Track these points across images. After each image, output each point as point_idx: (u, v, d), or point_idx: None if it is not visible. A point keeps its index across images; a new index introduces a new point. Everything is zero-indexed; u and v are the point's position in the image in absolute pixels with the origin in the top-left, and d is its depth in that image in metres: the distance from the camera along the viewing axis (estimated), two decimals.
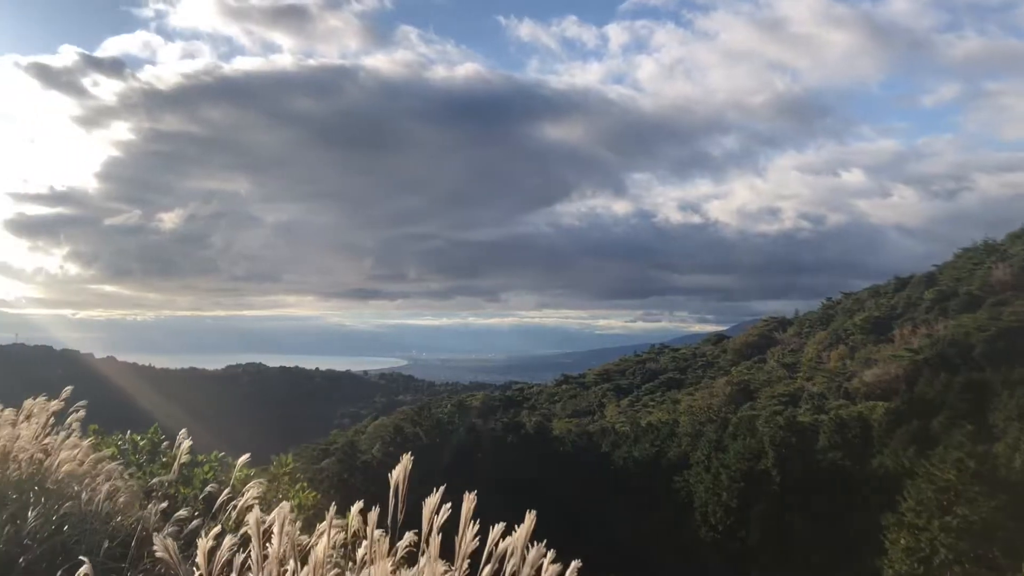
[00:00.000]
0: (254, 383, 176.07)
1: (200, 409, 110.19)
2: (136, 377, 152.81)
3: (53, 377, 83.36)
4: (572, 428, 58.15)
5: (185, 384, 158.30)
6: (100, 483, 5.72)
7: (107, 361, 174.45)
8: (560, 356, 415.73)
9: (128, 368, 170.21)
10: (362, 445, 49.00)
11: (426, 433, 43.33)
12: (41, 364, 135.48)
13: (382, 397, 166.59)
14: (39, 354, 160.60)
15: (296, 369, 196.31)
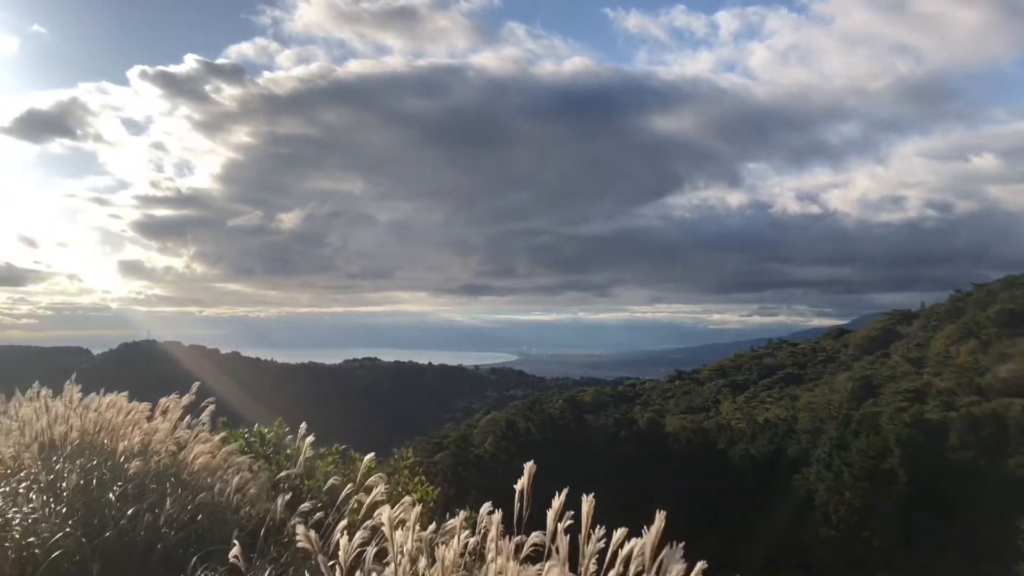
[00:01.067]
0: (369, 377, 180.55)
1: (318, 402, 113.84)
2: (259, 371, 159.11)
3: (181, 372, 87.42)
4: (686, 425, 57.18)
5: (304, 378, 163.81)
6: (231, 475, 5.89)
7: (232, 356, 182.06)
8: (672, 351, 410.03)
9: (251, 363, 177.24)
10: (474, 439, 49.52)
11: (537, 428, 43.40)
12: (171, 359, 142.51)
13: (493, 392, 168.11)
14: (169, 350, 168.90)
15: (409, 364, 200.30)
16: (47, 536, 4.91)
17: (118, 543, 4.90)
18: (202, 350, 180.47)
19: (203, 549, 4.71)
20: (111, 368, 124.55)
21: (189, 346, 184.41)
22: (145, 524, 4.97)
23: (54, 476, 5.56)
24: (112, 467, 5.88)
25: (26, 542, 4.92)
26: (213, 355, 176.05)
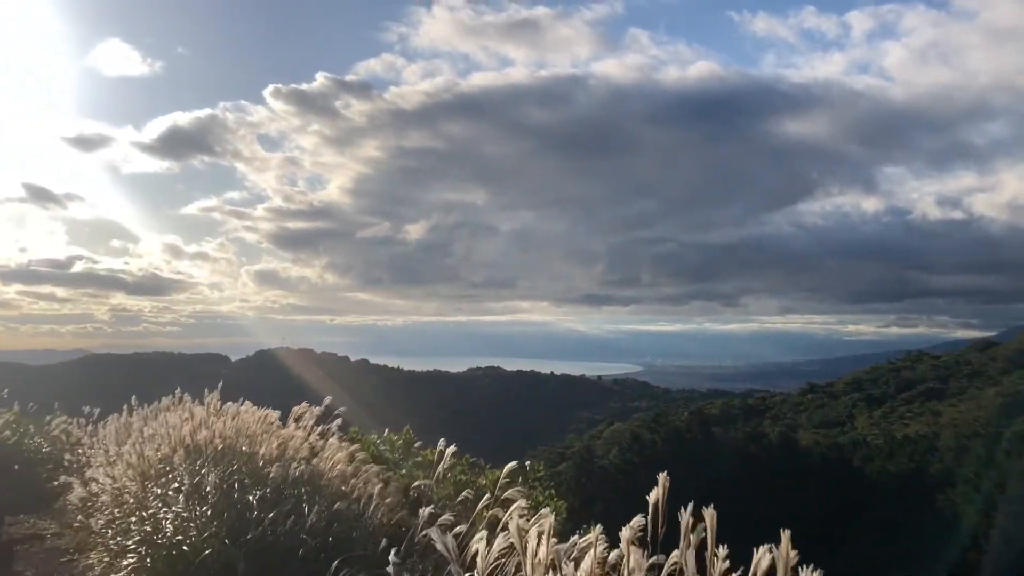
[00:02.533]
0: (492, 385, 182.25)
1: (443, 410, 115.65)
2: (386, 379, 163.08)
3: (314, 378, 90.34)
4: (819, 440, 55.06)
5: (430, 386, 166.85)
6: (365, 482, 5.98)
7: (361, 364, 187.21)
8: (804, 363, 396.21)
9: (379, 370, 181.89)
10: (598, 450, 49.15)
11: (663, 441, 42.70)
12: (303, 366, 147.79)
13: (616, 403, 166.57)
14: (302, 356, 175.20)
15: (532, 373, 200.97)
16: (195, 536, 5.11)
17: (260, 545, 5.05)
18: (333, 357, 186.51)
19: (341, 555, 4.79)
20: (248, 374, 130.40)
21: (321, 353, 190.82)
22: (286, 529, 5.10)
23: (199, 479, 5.78)
24: (252, 472, 6.08)
25: (176, 540, 5.14)
26: (343, 362, 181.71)
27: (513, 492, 4.83)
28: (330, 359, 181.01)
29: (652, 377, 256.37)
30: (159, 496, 5.89)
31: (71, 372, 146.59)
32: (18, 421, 16.23)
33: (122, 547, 6.08)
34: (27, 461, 14.17)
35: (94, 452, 10.53)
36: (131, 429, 8.76)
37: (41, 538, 9.67)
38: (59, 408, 17.45)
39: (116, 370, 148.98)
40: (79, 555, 7.95)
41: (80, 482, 8.89)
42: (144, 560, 5.36)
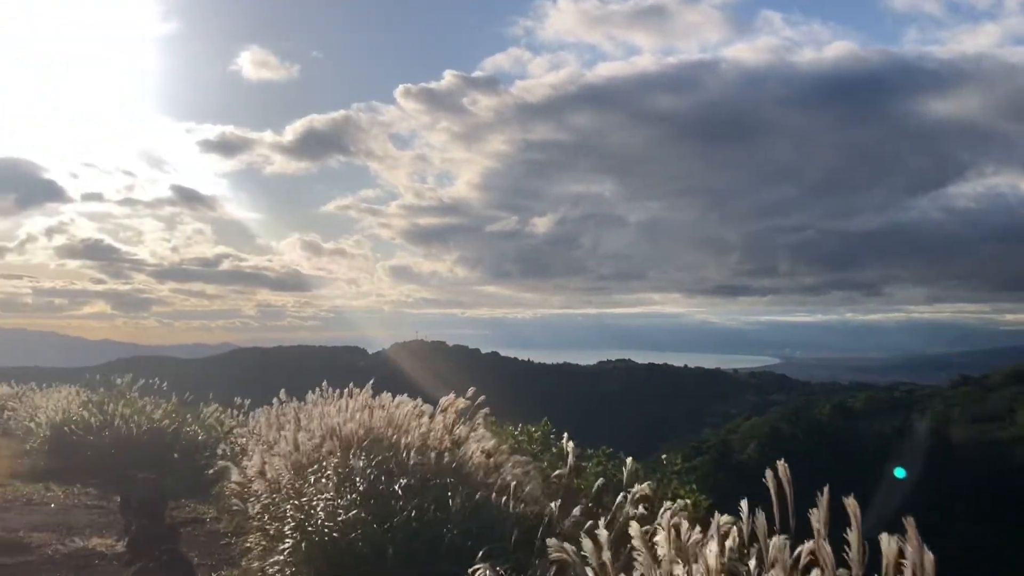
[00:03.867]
0: (624, 379, 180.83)
1: (574, 403, 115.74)
2: (517, 371, 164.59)
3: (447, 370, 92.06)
4: (974, 435, 52.09)
5: (560, 379, 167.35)
6: (506, 473, 6.05)
7: (491, 356, 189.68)
8: (956, 355, 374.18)
9: (510, 363, 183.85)
10: (735, 445, 48.12)
11: (804, 435, 41.38)
12: (437, 358, 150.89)
13: (753, 396, 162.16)
14: (435, 349, 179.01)
15: (664, 366, 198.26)
16: (345, 521, 5.31)
17: (407, 532, 5.20)
18: (465, 350, 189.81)
19: (485, 543, 4.88)
20: (384, 367, 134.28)
21: (453, 346, 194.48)
22: (429, 517, 5.23)
23: (348, 468, 6.00)
24: (397, 461, 6.26)
25: (328, 526, 5.35)
26: (475, 355, 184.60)
27: (646, 485, 4.80)
28: (462, 352, 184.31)
29: (791, 370, 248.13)
30: (311, 484, 6.15)
31: (220, 365, 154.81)
32: (176, 411, 17.30)
33: (278, 532, 6.38)
34: (185, 449, 15.10)
35: (247, 441, 11.08)
36: (282, 419, 9.17)
37: (201, 522, 10.28)
38: (212, 399, 18.48)
39: (261, 363, 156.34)
40: (237, 538, 8.40)
41: (236, 469, 9.37)
42: (299, 545, 5.61)
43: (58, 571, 7.51)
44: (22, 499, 12.30)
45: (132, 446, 15.08)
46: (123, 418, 15.95)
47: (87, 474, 14.31)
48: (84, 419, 16.49)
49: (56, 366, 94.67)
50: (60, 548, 8.47)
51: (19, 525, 9.87)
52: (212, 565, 7.68)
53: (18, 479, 14.78)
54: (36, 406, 21.34)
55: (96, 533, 9.31)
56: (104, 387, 20.63)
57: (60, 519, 10.44)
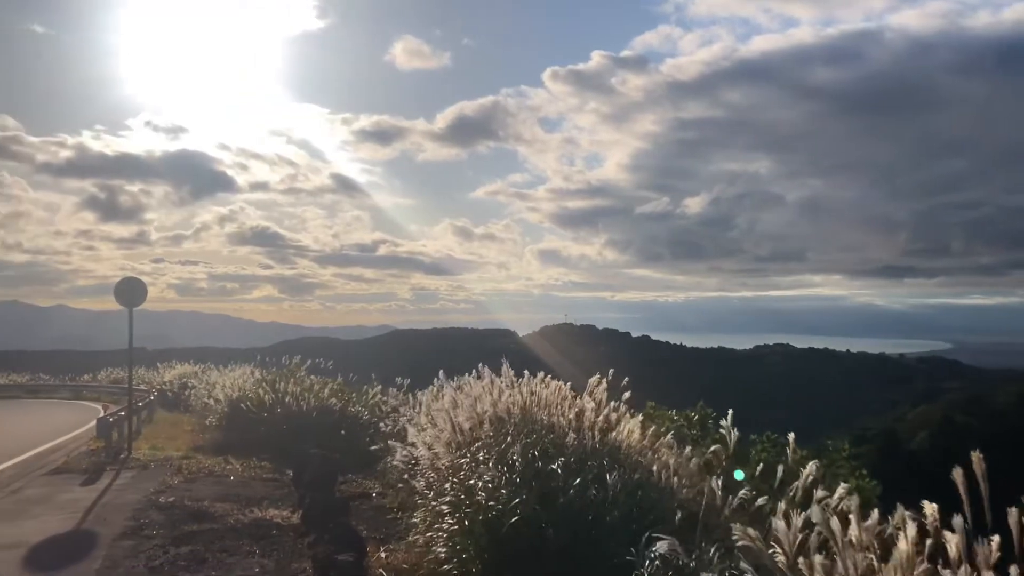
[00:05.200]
0: (782, 364, 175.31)
1: (729, 388, 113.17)
2: (668, 355, 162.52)
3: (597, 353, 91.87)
4: None
5: (714, 363, 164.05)
6: (664, 456, 5.99)
7: (642, 340, 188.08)
8: None
9: (661, 346, 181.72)
10: (902, 433, 45.74)
11: (981, 424, 38.85)
12: (587, 341, 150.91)
13: (922, 383, 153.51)
14: (585, 332, 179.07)
15: (824, 351, 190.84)
16: (506, 501, 5.40)
17: (568, 512, 5.24)
18: (615, 334, 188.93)
19: (647, 526, 4.85)
20: (534, 349, 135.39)
21: (602, 329, 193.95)
22: (590, 497, 5.25)
23: (505, 447, 6.09)
24: (552, 441, 6.30)
25: (488, 504, 5.46)
26: (625, 339, 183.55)
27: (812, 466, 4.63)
28: (612, 335, 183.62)
29: (964, 355, 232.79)
30: (469, 463, 6.29)
31: (378, 346, 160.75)
32: (342, 390, 18.11)
33: (440, 509, 6.57)
34: (351, 426, 15.80)
35: (409, 420, 11.45)
36: (440, 399, 9.42)
37: (368, 496, 10.73)
38: (374, 379, 19.22)
39: (417, 344, 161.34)
40: (402, 514, 8.71)
41: (399, 447, 9.71)
42: (462, 522, 5.76)
43: (240, 539, 8.02)
44: (205, 471, 13.23)
45: (302, 423, 15.93)
46: (293, 396, 16.86)
47: (261, 448, 15.23)
48: (258, 396, 17.55)
49: (229, 346, 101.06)
50: (241, 518, 9.05)
51: (204, 495, 10.62)
52: (380, 539, 8.00)
53: (200, 452, 15.91)
54: (213, 384, 22.87)
55: (272, 505, 9.89)
56: (275, 367, 21.86)
57: (239, 491, 11.15)
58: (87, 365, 61.13)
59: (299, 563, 7.15)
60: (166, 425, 23.76)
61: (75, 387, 49.27)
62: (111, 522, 9.09)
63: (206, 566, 7.04)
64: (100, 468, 13.75)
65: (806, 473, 4.77)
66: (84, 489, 11.78)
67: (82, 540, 8.35)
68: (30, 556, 7.60)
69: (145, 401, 24.85)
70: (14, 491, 11.70)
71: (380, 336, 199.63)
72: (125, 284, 15.97)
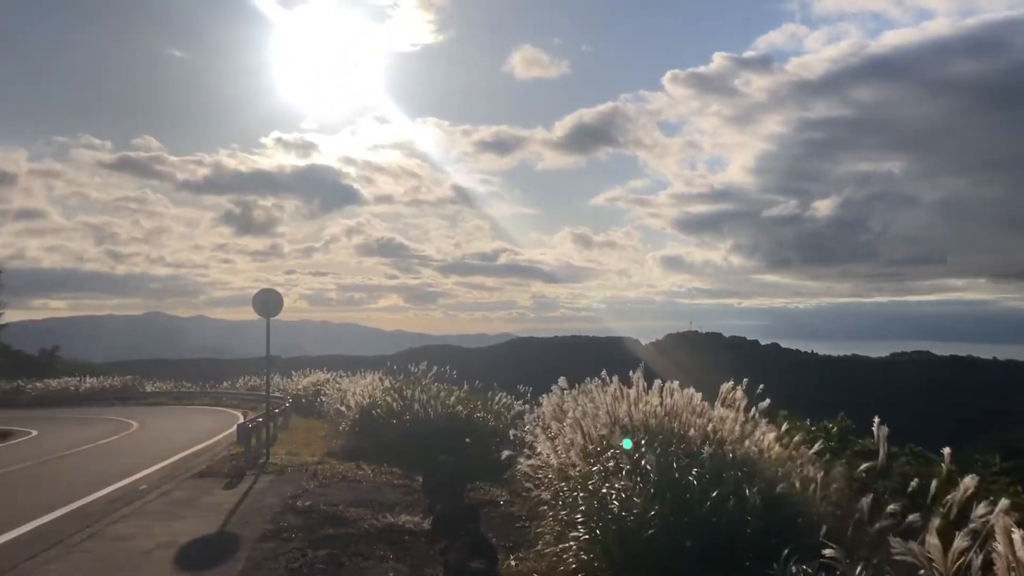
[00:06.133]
0: (921, 372, 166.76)
1: (865, 397, 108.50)
2: (799, 363, 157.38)
3: (724, 362, 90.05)
4: None
5: (848, 371, 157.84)
6: (803, 468, 5.76)
7: (771, 348, 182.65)
8: None
9: (791, 354, 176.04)
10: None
11: None
12: (713, 349, 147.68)
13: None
14: (710, 340, 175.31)
15: (968, 359, 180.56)
16: (639, 512, 5.30)
17: (704, 524, 5.09)
18: (743, 341, 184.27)
19: (788, 540, 4.66)
20: (658, 357, 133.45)
21: (729, 337, 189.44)
22: (728, 509, 5.09)
23: (638, 456, 5.98)
24: (687, 451, 6.15)
25: (622, 515, 5.37)
26: (753, 346, 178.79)
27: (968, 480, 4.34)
28: (739, 343, 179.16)
29: None
30: (601, 472, 6.21)
31: (500, 354, 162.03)
32: (468, 398, 18.32)
33: (570, 518, 6.51)
34: (478, 434, 15.94)
35: (535, 428, 11.43)
36: (566, 407, 9.37)
37: (496, 504, 10.78)
38: (497, 386, 19.36)
39: (538, 352, 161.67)
40: (530, 522, 8.70)
41: (525, 455, 9.71)
42: (593, 532, 5.69)
43: (374, 544, 8.18)
44: (338, 476, 13.61)
45: (430, 429, 16.19)
46: (421, 403, 17.16)
47: (391, 454, 15.57)
48: (387, 404, 17.96)
49: (357, 354, 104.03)
50: (374, 523, 9.24)
51: (338, 500, 10.92)
52: (509, 547, 8.01)
53: (333, 457, 16.39)
54: (344, 391, 23.56)
55: (404, 511, 10.07)
56: (402, 374, 22.34)
57: (371, 496, 11.41)
58: (224, 373, 64.24)
59: (432, 569, 7.23)
60: (301, 431, 24.62)
61: (215, 394, 51.82)
62: (252, 525, 9.45)
63: (343, 570, 7.21)
64: (240, 472, 14.35)
65: (962, 488, 4.48)
66: (226, 492, 12.32)
67: (226, 541, 8.71)
68: (180, 555, 7.98)
69: (281, 408, 25.82)
70: (164, 493, 12.35)
71: (502, 344, 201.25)
72: (263, 295, 16.63)
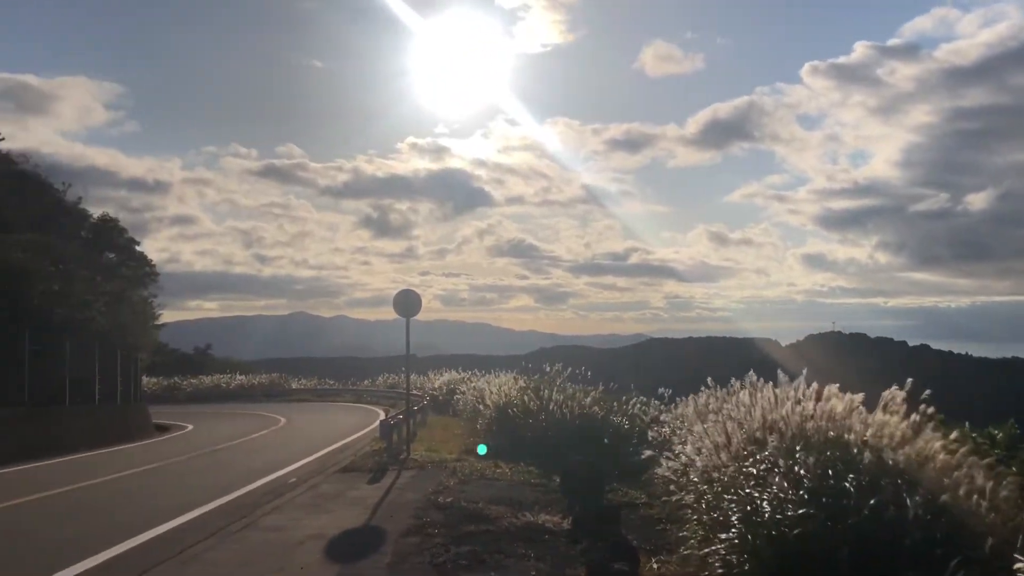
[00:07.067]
0: None
1: None
2: (951, 366, 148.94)
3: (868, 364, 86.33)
4: None
5: (1007, 375, 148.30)
6: (970, 476, 5.43)
7: (920, 349, 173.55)
8: None
9: (943, 356, 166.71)
10: None
11: None
12: (857, 351, 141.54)
13: None
14: (855, 341, 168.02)
15: None
16: (793, 517, 5.12)
17: (861, 532, 4.88)
18: (889, 342, 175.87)
19: (953, 551, 4.41)
20: (799, 359, 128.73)
21: (875, 338, 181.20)
22: (888, 518, 4.85)
23: (792, 461, 5.77)
24: (842, 457, 5.89)
25: (775, 519, 5.20)
26: (901, 348, 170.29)
27: None
28: (886, 344, 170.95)
29: None
30: (751, 476, 6.03)
31: (633, 355, 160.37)
32: (603, 399, 18.23)
33: (716, 522, 6.36)
34: (614, 435, 15.83)
35: (674, 430, 11.25)
36: (710, 409, 9.16)
37: (634, 506, 10.67)
38: (633, 388, 19.17)
39: (673, 353, 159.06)
40: (671, 525, 8.56)
41: (665, 457, 9.55)
42: (743, 537, 5.53)
43: (514, 542, 8.24)
44: (476, 474, 13.81)
45: (566, 430, 16.20)
46: (556, 403, 17.19)
47: (527, 454, 15.68)
48: (523, 403, 18.09)
49: (490, 354, 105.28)
50: (514, 521, 9.31)
51: (478, 497, 11.07)
52: (650, 550, 7.91)
53: (471, 455, 16.66)
54: (480, 389, 23.90)
55: (543, 510, 10.10)
56: (536, 374, 22.46)
57: (510, 494, 11.51)
58: (364, 371, 66.48)
59: (573, 569, 7.22)
60: (438, 428, 25.17)
61: (356, 391, 53.69)
62: (396, 519, 9.71)
63: (485, 566, 7.29)
64: (383, 468, 14.79)
65: None
66: (370, 487, 12.71)
67: (371, 535, 8.98)
68: (329, 547, 8.28)
69: (419, 405, 26.44)
70: (312, 486, 12.86)
71: (634, 344, 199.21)
72: (403, 295, 17.07)
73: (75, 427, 23.00)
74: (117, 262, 35.88)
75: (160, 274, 38.90)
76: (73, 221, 34.31)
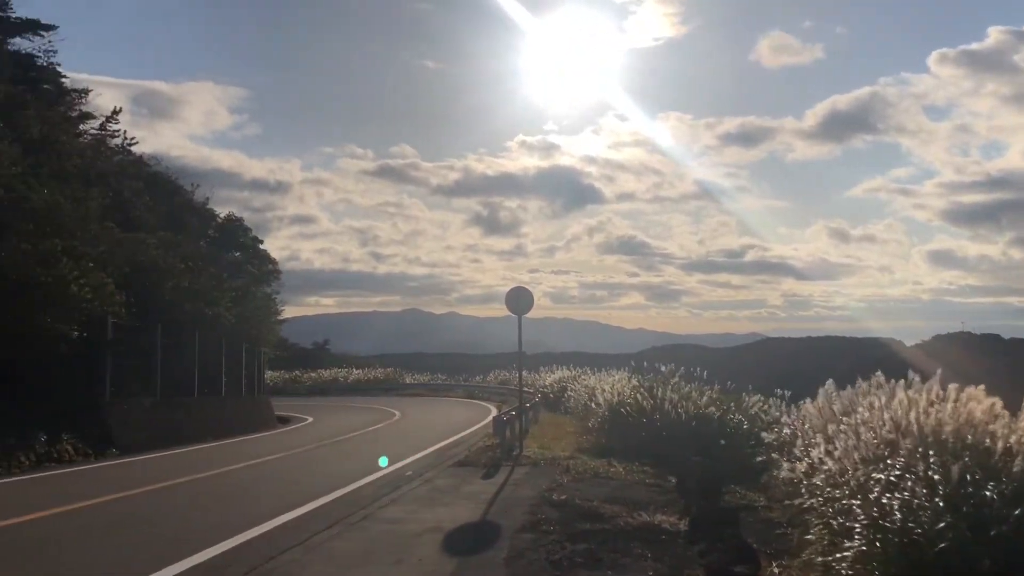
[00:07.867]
0: None
1: None
2: None
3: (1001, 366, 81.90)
4: None
5: None
6: None
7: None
8: None
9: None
10: None
11: None
12: (989, 352, 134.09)
13: None
14: (986, 342, 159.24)
15: None
16: (929, 526, 4.88)
17: (1005, 544, 4.61)
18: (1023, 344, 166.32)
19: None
20: (925, 361, 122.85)
21: (1010, 339, 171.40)
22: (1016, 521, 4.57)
23: (930, 468, 5.49)
24: (983, 464, 5.57)
25: (908, 527, 4.96)
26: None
27: None
28: (1021, 345, 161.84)
29: None
30: (883, 481, 5.77)
31: (750, 354, 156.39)
32: (720, 399, 17.85)
33: (843, 528, 6.12)
34: (731, 436, 15.48)
35: (796, 432, 10.90)
36: (836, 411, 8.81)
37: (753, 509, 10.39)
38: (751, 389, 18.69)
39: (791, 353, 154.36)
40: (792, 530, 8.30)
41: (786, 460, 9.27)
42: (872, 544, 5.30)
43: (630, 542, 8.14)
44: (590, 472, 13.75)
45: (681, 430, 15.95)
46: (671, 403, 16.94)
47: (641, 453, 15.49)
48: (637, 402, 17.91)
49: (599, 352, 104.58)
50: (630, 521, 9.21)
51: (592, 496, 11.01)
52: (770, 554, 7.68)
53: (584, 453, 16.60)
54: (592, 387, 23.80)
55: (659, 510, 9.95)
56: (649, 373, 22.19)
57: (624, 493, 11.40)
58: (475, 367, 67.20)
59: (691, 570, 7.08)
60: (549, 426, 25.19)
61: (468, 387, 54.37)
62: (511, 515, 9.74)
63: (602, 565, 7.22)
64: (496, 464, 14.90)
65: None
66: (484, 482, 12.82)
67: (487, 529, 9.04)
68: (446, 540, 8.37)
69: (531, 403, 26.54)
70: (427, 480, 13.07)
71: (750, 344, 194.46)
72: (515, 293, 17.15)
73: (203, 418, 24.07)
74: (242, 260, 37.48)
75: (281, 272, 40.46)
76: (201, 221, 36.04)
